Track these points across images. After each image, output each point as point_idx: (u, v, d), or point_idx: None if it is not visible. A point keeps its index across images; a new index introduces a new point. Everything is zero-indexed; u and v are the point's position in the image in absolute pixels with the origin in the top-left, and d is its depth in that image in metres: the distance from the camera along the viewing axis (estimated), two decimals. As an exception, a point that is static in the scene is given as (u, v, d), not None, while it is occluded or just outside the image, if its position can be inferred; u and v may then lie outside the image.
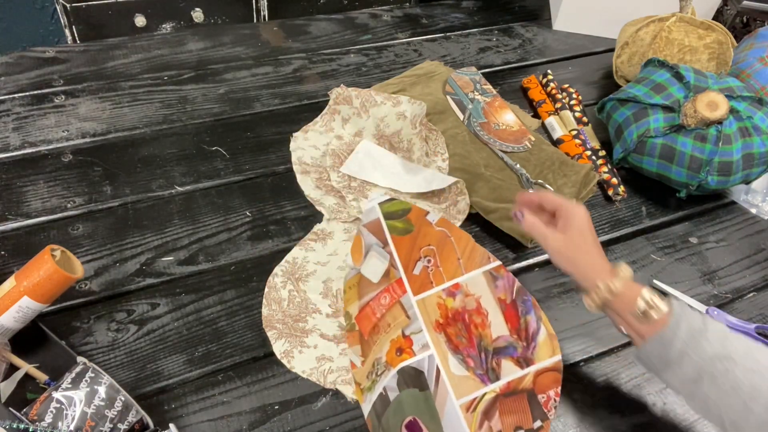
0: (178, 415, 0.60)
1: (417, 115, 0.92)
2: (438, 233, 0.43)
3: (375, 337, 0.41)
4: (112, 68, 1.00)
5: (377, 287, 0.41)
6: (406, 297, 0.42)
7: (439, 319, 0.42)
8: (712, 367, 0.51)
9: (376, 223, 0.43)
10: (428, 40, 1.18)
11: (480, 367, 0.41)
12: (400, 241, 0.41)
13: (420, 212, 0.43)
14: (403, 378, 0.39)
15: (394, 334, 0.41)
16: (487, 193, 0.83)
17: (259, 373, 0.64)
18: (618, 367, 0.69)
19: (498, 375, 0.42)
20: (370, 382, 0.40)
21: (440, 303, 0.42)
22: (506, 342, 0.43)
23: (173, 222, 0.78)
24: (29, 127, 0.88)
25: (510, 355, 0.42)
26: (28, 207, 0.77)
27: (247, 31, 1.14)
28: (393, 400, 0.39)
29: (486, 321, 0.43)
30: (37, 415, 0.51)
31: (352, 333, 0.41)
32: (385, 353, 0.40)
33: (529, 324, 0.43)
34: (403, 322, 0.41)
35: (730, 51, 1.02)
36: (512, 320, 0.43)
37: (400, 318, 0.42)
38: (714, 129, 0.83)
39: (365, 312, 0.41)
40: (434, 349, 0.41)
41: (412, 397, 0.39)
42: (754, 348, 0.52)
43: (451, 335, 0.42)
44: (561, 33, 1.25)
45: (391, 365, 0.40)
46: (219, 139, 0.90)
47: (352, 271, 0.41)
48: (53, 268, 0.57)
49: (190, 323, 0.68)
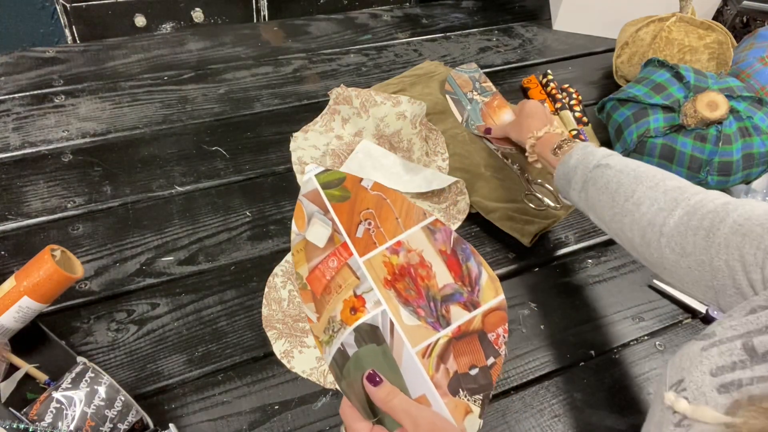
0: (178, 415, 0.60)
1: (417, 115, 0.92)
2: (374, 197, 0.46)
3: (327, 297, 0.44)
4: (112, 68, 1.00)
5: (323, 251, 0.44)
6: (353, 259, 0.45)
7: (387, 276, 0.45)
8: (593, 174, 0.64)
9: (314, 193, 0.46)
10: (428, 40, 1.18)
11: (431, 315, 0.45)
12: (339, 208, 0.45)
13: (355, 179, 0.46)
14: (360, 335, 0.43)
15: (346, 295, 0.44)
16: (487, 193, 0.83)
17: (259, 373, 0.64)
18: (618, 367, 0.69)
19: (448, 321, 0.45)
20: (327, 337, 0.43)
21: (386, 261, 0.45)
22: (452, 289, 0.45)
23: (173, 222, 0.78)
24: (29, 127, 0.88)
25: (457, 300, 0.45)
26: (28, 207, 0.77)
27: (247, 31, 1.14)
28: (352, 355, 0.43)
29: (431, 272, 0.45)
30: (37, 415, 0.51)
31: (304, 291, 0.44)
32: (339, 312, 0.43)
33: (471, 270, 0.46)
34: (353, 282, 0.44)
35: (730, 51, 1.02)
36: (455, 268, 0.46)
37: (350, 279, 0.44)
38: (714, 129, 0.83)
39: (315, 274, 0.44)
40: (386, 305, 0.44)
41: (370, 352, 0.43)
42: (632, 161, 0.63)
43: (400, 290, 0.45)
44: (561, 33, 1.25)
45: (347, 323, 0.43)
46: (219, 139, 0.90)
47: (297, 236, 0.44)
48: (53, 268, 0.57)
49: (190, 323, 0.68)
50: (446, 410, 0.43)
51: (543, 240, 0.82)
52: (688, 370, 0.41)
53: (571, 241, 0.82)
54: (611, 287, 0.77)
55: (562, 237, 0.83)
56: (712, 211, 0.53)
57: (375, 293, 0.44)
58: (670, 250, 0.55)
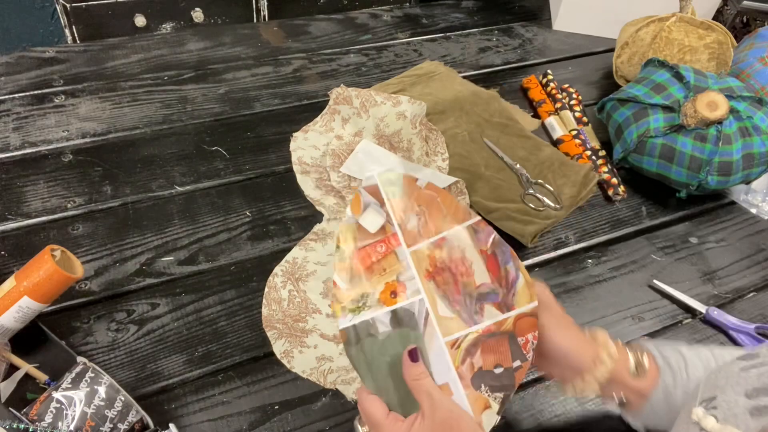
0: (178, 415, 0.60)
1: (417, 115, 0.92)
2: (426, 195, 0.50)
3: (368, 275, 0.47)
4: (112, 68, 1.00)
5: (373, 237, 0.48)
6: (400, 248, 0.48)
7: (429, 268, 0.47)
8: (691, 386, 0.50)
9: (374, 187, 0.49)
10: (428, 40, 1.18)
11: (465, 310, 0.47)
12: (394, 202, 0.49)
13: (410, 179, 0.50)
14: (396, 317, 0.46)
15: (389, 278, 0.47)
16: (487, 193, 0.83)
17: (259, 373, 0.64)
18: (618, 367, 0.69)
19: (481, 318, 0.47)
20: (354, 306, 0.46)
21: (430, 254, 0.48)
22: (488, 288, 0.47)
23: (173, 222, 0.78)
24: (29, 127, 0.88)
25: (492, 300, 0.47)
26: (28, 207, 0.77)
27: (247, 31, 1.14)
28: (382, 332, 0.46)
29: (470, 270, 0.48)
30: (37, 415, 0.51)
31: (342, 263, 0.47)
32: (378, 292, 0.47)
33: (509, 272, 0.48)
34: (398, 269, 0.47)
35: (730, 51, 1.02)
36: (493, 269, 0.48)
37: (395, 265, 0.47)
38: (714, 129, 0.83)
39: (361, 253, 0.47)
40: (425, 294, 0.46)
41: (403, 336, 0.46)
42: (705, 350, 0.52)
43: (439, 282, 0.47)
44: (561, 33, 1.25)
45: (384, 304, 0.46)
46: (219, 139, 0.90)
47: (350, 219, 0.48)
48: (53, 268, 0.57)
49: (190, 323, 0.68)
50: (466, 401, 0.45)
51: (543, 240, 0.82)
52: (722, 388, 0.40)
53: (571, 241, 0.82)
54: (611, 287, 0.77)
55: (562, 237, 0.83)
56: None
57: (416, 282, 0.47)
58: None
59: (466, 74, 1.09)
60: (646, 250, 0.83)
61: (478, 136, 0.93)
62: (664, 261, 0.81)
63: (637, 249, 0.83)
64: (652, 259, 0.81)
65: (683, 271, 0.80)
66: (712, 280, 0.79)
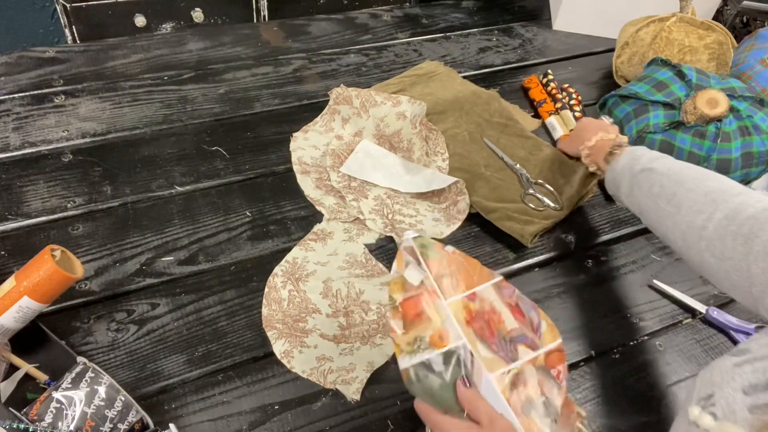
0: (178, 415, 0.60)
1: (417, 115, 0.92)
2: (455, 258, 0.57)
3: (417, 322, 0.53)
4: (112, 68, 1.00)
5: (417, 289, 0.54)
6: (440, 301, 0.54)
7: (466, 318, 0.54)
8: (637, 178, 0.66)
9: (411, 249, 0.56)
10: (428, 40, 1.18)
11: (502, 350, 0.53)
12: (429, 262, 0.56)
13: (440, 245, 0.57)
14: (447, 358, 0.52)
15: (435, 326, 0.53)
16: (487, 193, 0.83)
17: (259, 373, 0.64)
18: (618, 367, 0.69)
19: (516, 357, 0.53)
20: (411, 349, 0.52)
21: (465, 306, 0.55)
22: (519, 332, 0.54)
23: (173, 222, 0.78)
24: (29, 127, 0.88)
25: (523, 341, 0.54)
26: (28, 207, 0.77)
27: (247, 31, 1.14)
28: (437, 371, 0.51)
29: (501, 318, 0.55)
30: (37, 415, 0.51)
31: (395, 310, 0.54)
32: (428, 336, 0.53)
33: (533, 319, 0.55)
34: (441, 317, 0.54)
35: (730, 51, 1.02)
36: (519, 317, 0.55)
37: (438, 314, 0.54)
38: (713, 126, 0.83)
39: (409, 302, 0.54)
40: (466, 339, 0.53)
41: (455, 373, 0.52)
42: (679, 163, 0.64)
43: (476, 329, 0.54)
44: (561, 33, 1.25)
45: (434, 347, 0.52)
46: (219, 139, 0.90)
47: (396, 272, 0.55)
48: (53, 268, 0.57)
49: (190, 323, 0.68)
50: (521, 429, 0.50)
51: (543, 240, 0.82)
52: (719, 385, 0.41)
53: (571, 241, 0.82)
54: (611, 287, 0.77)
55: (562, 237, 0.83)
56: (751, 217, 0.52)
57: (457, 329, 0.53)
58: (709, 253, 0.55)
59: (466, 74, 1.09)
60: (646, 250, 0.83)
61: (478, 136, 0.93)
62: (664, 261, 0.81)
63: (637, 249, 0.83)
64: (652, 259, 0.81)
65: (683, 271, 0.80)
66: (712, 280, 0.79)
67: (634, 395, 0.67)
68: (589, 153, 0.78)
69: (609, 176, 0.73)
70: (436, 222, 0.82)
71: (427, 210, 0.83)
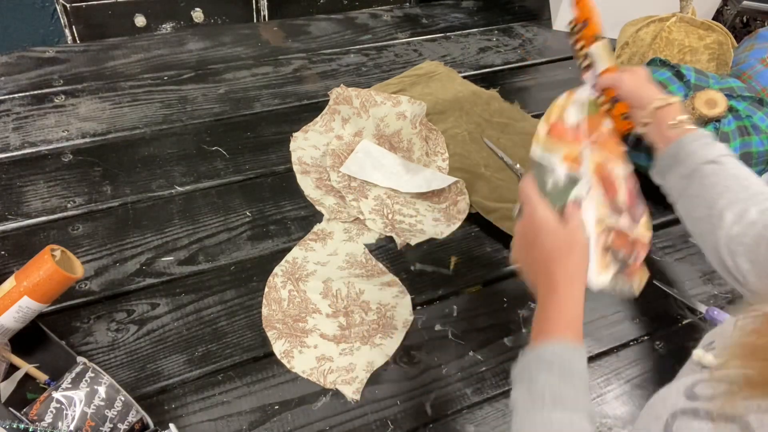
0: (178, 415, 0.60)
1: (417, 115, 0.92)
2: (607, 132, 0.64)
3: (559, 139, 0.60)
4: (112, 68, 1.00)
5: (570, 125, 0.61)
6: (584, 143, 0.61)
7: (596, 170, 0.60)
8: (706, 167, 0.62)
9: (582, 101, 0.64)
10: (428, 40, 1.18)
11: (611, 206, 0.60)
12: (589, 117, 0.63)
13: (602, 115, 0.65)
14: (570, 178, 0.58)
15: (576, 150, 0.60)
16: (487, 193, 0.83)
17: (259, 373, 0.64)
18: (618, 367, 0.69)
19: (619, 218, 0.60)
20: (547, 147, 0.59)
21: (597, 162, 0.61)
22: (625, 209, 0.61)
23: (173, 222, 0.78)
24: (29, 127, 0.88)
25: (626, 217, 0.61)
26: (28, 207, 0.77)
27: (247, 31, 1.14)
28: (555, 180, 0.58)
29: (618, 191, 0.61)
30: (37, 415, 0.51)
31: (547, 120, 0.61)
32: (563, 153, 0.59)
33: (639, 208, 0.62)
34: (581, 149, 0.60)
35: (731, 51, 1.02)
36: (630, 201, 0.61)
37: (579, 147, 0.60)
38: (712, 126, 0.83)
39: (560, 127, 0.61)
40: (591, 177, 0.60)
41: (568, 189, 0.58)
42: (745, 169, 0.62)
43: (599, 180, 0.60)
44: (561, 33, 1.25)
45: (566, 162, 0.59)
46: (219, 139, 0.90)
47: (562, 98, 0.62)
48: (53, 268, 0.57)
49: (190, 323, 0.68)
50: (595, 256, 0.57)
51: (543, 240, 0.82)
52: (720, 334, 0.48)
53: (571, 241, 0.82)
54: (611, 287, 0.78)
55: (562, 237, 0.83)
56: None
57: (587, 167, 0.60)
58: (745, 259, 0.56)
59: (466, 74, 1.09)
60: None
61: (478, 136, 0.93)
62: (664, 261, 0.81)
63: (637, 249, 0.83)
64: (652, 259, 0.81)
65: (683, 271, 0.80)
66: (712, 280, 0.79)
67: (634, 395, 0.66)
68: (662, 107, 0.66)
69: (673, 149, 0.64)
70: (436, 222, 0.82)
71: (427, 210, 0.83)
